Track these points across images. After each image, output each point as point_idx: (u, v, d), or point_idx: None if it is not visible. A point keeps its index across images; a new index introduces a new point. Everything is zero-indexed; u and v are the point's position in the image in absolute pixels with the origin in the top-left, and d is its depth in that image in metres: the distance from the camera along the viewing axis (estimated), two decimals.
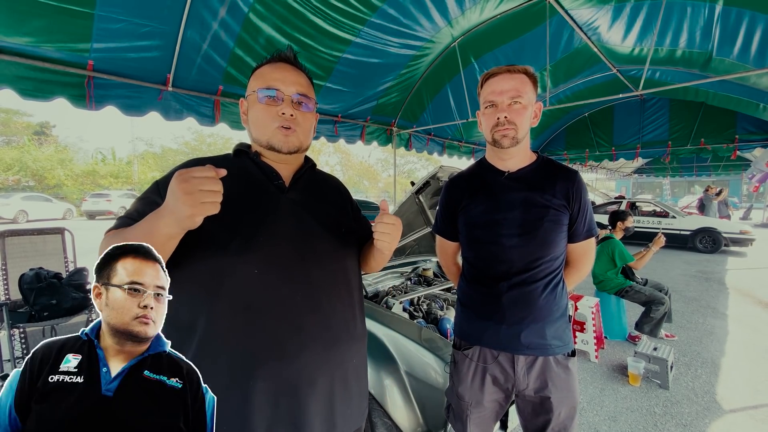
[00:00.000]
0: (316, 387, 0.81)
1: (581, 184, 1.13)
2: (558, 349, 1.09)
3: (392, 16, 2.98)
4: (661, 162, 10.78)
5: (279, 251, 0.81)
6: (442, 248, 1.35)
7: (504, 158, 1.14)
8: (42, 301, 2.56)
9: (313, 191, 0.95)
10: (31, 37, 2.06)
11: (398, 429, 1.51)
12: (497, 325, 1.09)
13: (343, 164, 33.28)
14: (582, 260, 1.20)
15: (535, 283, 1.08)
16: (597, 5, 3.36)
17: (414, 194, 2.37)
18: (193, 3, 2.33)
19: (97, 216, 16.05)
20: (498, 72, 1.08)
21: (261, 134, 0.88)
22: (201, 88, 2.92)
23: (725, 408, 2.38)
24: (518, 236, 1.08)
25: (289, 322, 0.79)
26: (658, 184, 26.46)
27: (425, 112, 4.98)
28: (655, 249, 3.25)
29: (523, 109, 1.06)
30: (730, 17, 3.08)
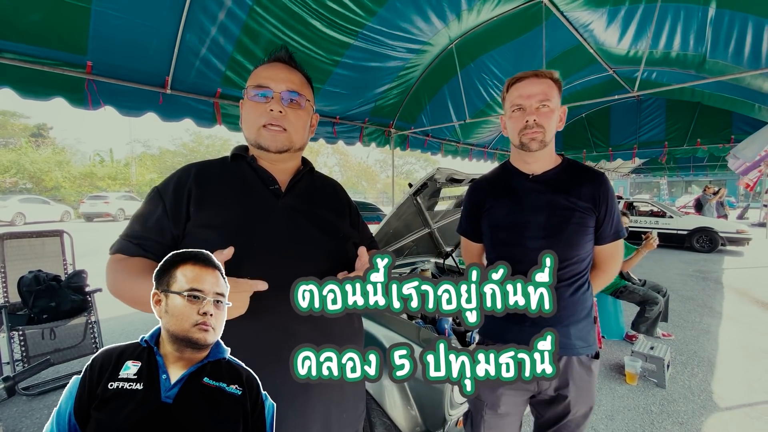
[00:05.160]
0: (311, 392, 0.81)
1: (608, 186, 1.13)
2: (582, 349, 1.09)
3: (390, 19, 3.00)
4: (658, 162, 10.83)
5: (273, 257, 0.81)
6: (467, 249, 1.35)
7: (529, 161, 1.14)
8: (41, 304, 2.57)
9: (310, 196, 0.94)
10: (28, 33, 2.06)
11: (397, 429, 1.52)
12: (520, 324, 1.09)
13: (342, 165, 33.28)
14: (609, 262, 1.20)
15: (560, 283, 1.07)
16: (593, 8, 3.39)
17: (412, 195, 2.38)
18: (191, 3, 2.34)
19: (95, 218, 16.00)
20: (525, 76, 1.08)
21: (250, 133, 0.87)
22: (199, 90, 2.93)
23: (721, 406, 2.40)
24: (543, 239, 1.07)
25: (283, 328, 0.80)
26: (656, 184, 26.58)
27: (423, 114, 5.00)
28: (645, 252, 3.17)
29: (550, 113, 1.06)
30: (723, 20, 3.12)
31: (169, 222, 0.80)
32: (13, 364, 2.46)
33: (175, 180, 0.85)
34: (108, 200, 16.18)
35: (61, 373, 2.69)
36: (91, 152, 26.71)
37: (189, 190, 0.83)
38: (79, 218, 16.39)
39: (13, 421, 2.23)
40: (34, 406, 2.38)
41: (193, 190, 0.83)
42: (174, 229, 0.80)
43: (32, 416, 2.28)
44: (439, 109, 4.95)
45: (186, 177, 0.85)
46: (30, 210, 14.11)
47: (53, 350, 2.61)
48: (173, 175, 0.87)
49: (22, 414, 2.29)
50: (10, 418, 2.25)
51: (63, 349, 2.66)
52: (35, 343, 2.58)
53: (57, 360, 2.58)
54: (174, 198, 0.82)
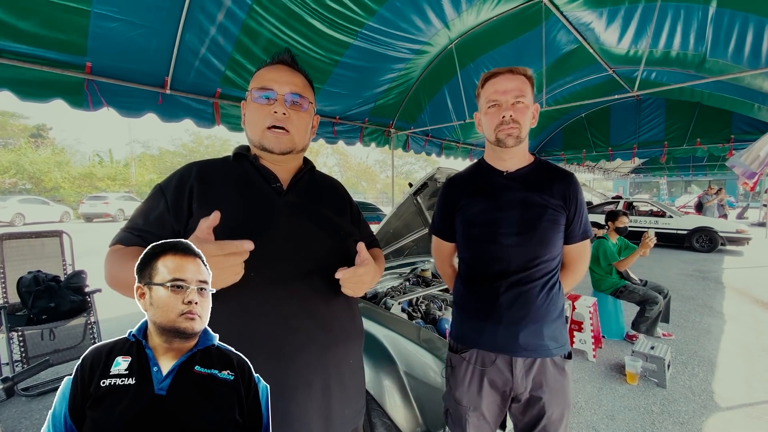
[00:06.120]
0: (313, 388, 0.81)
1: (577, 185, 1.15)
2: (555, 350, 1.10)
3: (390, 18, 3.00)
4: (658, 162, 10.84)
5: (275, 254, 0.82)
6: (438, 249, 1.35)
7: (504, 158, 1.15)
8: (40, 304, 2.56)
9: (311, 194, 0.95)
10: (28, 35, 2.06)
11: (397, 429, 1.52)
12: (494, 327, 1.10)
13: (342, 165, 33.29)
14: (578, 262, 1.21)
15: (533, 282, 1.08)
16: (592, 7, 3.39)
17: (412, 195, 2.38)
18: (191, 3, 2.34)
19: (94, 219, 16.00)
20: (500, 72, 1.09)
21: (254, 134, 0.88)
22: (199, 90, 2.93)
23: (722, 406, 2.39)
24: (516, 235, 1.08)
25: (285, 324, 0.80)
26: (655, 183, 26.58)
27: (423, 114, 5.00)
28: (642, 252, 3.14)
29: (525, 109, 1.08)
30: (724, 19, 3.12)
31: (171, 218, 0.81)
32: (12, 365, 2.45)
33: (177, 177, 0.86)
34: (107, 201, 16.16)
35: (61, 374, 2.68)
36: (90, 153, 26.74)
37: (191, 186, 0.84)
38: (78, 219, 16.39)
39: (12, 422, 2.22)
40: (33, 407, 2.38)
41: (195, 187, 0.84)
42: (175, 225, 0.81)
43: (31, 417, 2.27)
44: (439, 109, 4.94)
45: (188, 174, 0.86)
46: (29, 210, 14.12)
47: (52, 351, 2.61)
48: (176, 173, 0.87)
49: (21, 415, 2.29)
50: (9, 419, 2.25)
51: (62, 350, 2.65)
52: (34, 343, 2.58)
53: (56, 361, 2.57)
54: (176, 195, 0.83)
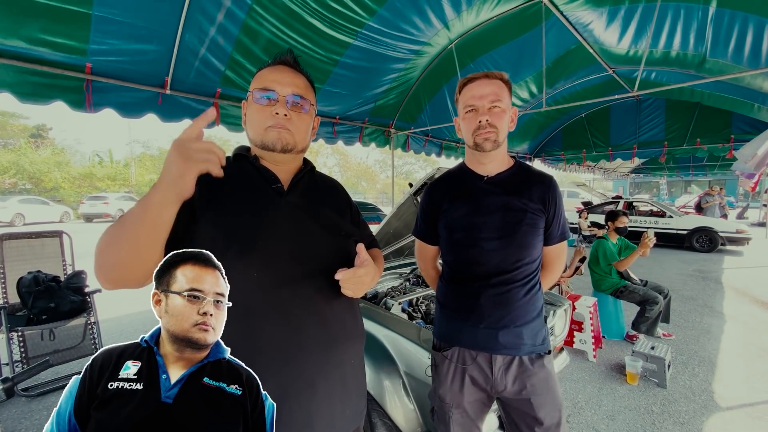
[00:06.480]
0: (316, 388, 0.81)
1: (556, 189, 1.17)
2: (534, 348, 1.12)
3: (390, 18, 3.00)
4: (658, 162, 10.84)
5: (277, 254, 0.82)
6: (422, 252, 1.36)
7: (484, 162, 1.17)
8: (40, 305, 2.56)
9: (311, 194, 0.95)
10: (29, 38, 2.06)
11: (397, 429, 1.52)
12: (475, 326, 1.12)
13: (342, 165, 33.30)
14: (556, 262, 1.25)
15: (514, 284, 1.11)
16: (592, 7, 3.39)
17: (412, 195, 2.38)
18: (190, 4, 2.34)
19: (94, 219, 15.99)
20: (476, 77, 1.11)
21: (255, 134, 0.88)
22: (199, 91, 2.93)
23: (722, 406, 2.39)
24: (498, 239, 1.10)
25: (287, 324, 0.80)
26: (655, 183, 26.56)
27: (423, 114, 5.00)
28: (641, 251, 3.13)
29: (502, 113, 1.09)
30: (723, 19, 3.12)
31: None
32: (12, 365, 2.45)
33: None
34: (107, 201, 16.15)
35: (61, 374, 2.68)
36: (90, 153, 26.72)
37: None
38: (78, 219, 16.40)
39: (12, 422, 2.22)
40: (33, 407, 2.38)
41: (195, 187, 0.83)
42: (176, 225, 0.80)
43: (31, 417, 2.27)
44: (439, 109, 4.94)
45: None
46: (29, 211, 14.12)
47: (52, 351, 2.60)
48: None
49: (21, 415, 2.29)
50: (9, 419, 2.25)
51: (62, 350, 2.65)
52: (34, 344, 2.58)
53: (56, 361, 2.57)
54: None
